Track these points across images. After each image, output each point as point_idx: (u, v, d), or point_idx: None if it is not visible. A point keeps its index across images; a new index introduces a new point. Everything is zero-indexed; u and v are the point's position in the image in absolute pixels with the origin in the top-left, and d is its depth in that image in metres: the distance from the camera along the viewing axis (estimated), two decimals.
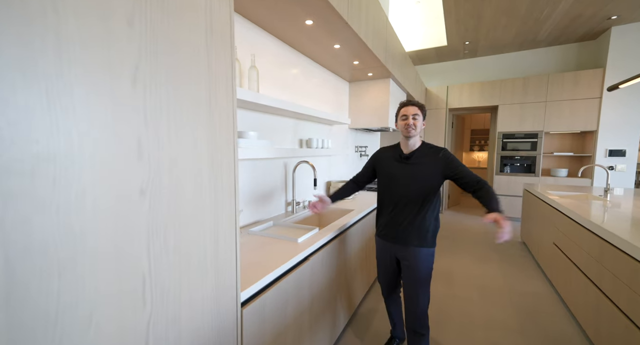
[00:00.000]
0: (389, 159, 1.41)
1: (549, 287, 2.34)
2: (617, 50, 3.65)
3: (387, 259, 1.46)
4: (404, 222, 1.33)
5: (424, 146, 1.36)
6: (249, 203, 1.64)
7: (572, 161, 4.36)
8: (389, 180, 1.39)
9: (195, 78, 0.69)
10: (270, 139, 1.80)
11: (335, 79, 2.68)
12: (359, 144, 3.39)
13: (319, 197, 1.52)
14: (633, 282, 1.23)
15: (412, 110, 1.31)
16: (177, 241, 0.67)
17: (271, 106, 1.49)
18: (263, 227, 1.58)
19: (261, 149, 1.41)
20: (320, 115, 2.02)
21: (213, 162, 0.75)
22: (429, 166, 1.30)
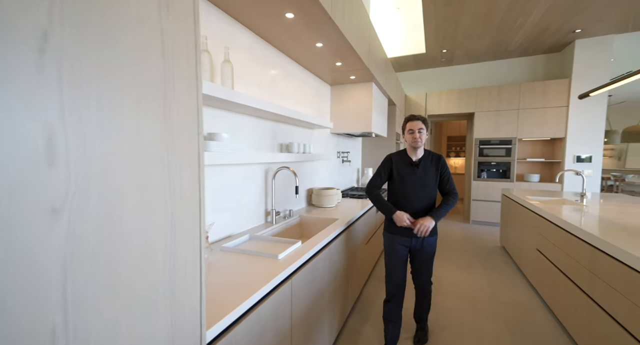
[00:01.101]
0: (401, 163, 1.64)
1: (534, 294, 2.33)
2: (581, 62, 3.88)
3: (400, 252, 1.64)
4: (421, 214, 1.57)
5: (427, 153, 1.64)
6: (223, 214, 1.45)
7: (544, 167, 4.55)
8: (403, 183, 1.61)
9: (142, 61, 0.53)
10: (247, 142, 1.63)
11: (316, 81, 2.57)
12: (341, 150, 3.29)
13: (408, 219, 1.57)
14: (630, 291, 1.19)
15: (417, 125, 1.54)
16: (111, 273, 0.49)
17: (248, 106, 1.34)
18: (238, 241, 1.40)
19: (236, 153, 1.24)
20: (302, 117, 1.89)
21: (169, 168, 0.58)
22: (432, 170, 1.59)
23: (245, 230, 1.61)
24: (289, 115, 1.73)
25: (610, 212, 2.03)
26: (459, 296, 2.30)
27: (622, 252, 1.24)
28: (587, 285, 1.50)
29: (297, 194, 1.70)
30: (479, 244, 3.63)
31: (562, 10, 3.09)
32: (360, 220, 2.23)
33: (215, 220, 1.40)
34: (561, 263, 1.80)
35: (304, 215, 2.07)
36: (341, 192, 3.10)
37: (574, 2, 2.95)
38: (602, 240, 1.38)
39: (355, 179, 3.94)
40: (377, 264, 2.99)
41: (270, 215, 1.82)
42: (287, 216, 1.99)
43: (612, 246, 1.31)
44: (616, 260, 1.28)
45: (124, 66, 0.50)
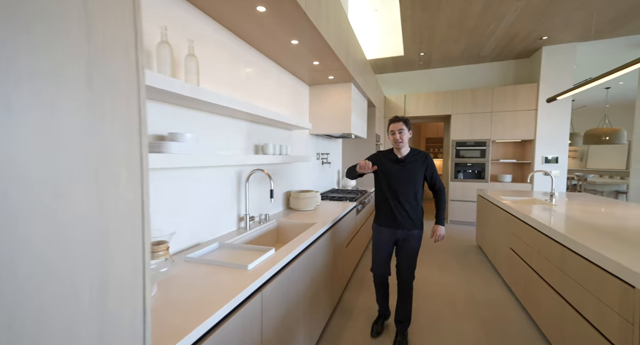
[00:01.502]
0: (387, 161, 1.73)
1: (508, 293, 2.38)
2: (547, 67, 4.08)
3: (385, 243, 1.75)
4: (402, 212, 1.68)
5: (412, 151, 1.73)
6: (190, 221, 1.34)
7: (515, 167, 4.75)
8: (389, 179, 1.70)
9: (56, 38, 0.43)
10: (217, 143, 1.53)
11: (294, 81, 2.50)
12: (321, 151, 3.23)
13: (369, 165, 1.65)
14: (598, 290, 1.21)
15: (398, 126, 1.65)
16: (12, 309, 0.39)
17: (216, 104, 1.24)
18: (206, 250, 1.29)
19: (201, 155, 1.14)
20: (278, 118, 1.81)
21: (97, 173, 0.48)
22: (417, 166, 1.68)
23: (215, 238, 1.50)
24: (264, 115, 1.65)
25: (577, 211, 2.11)
26: (436, 297, 2.31)
27: (591, 252, 1.26)
28: (558, 284, 1.53)
29: (272, 198, 1.61)
30: (456, 243, 3.70)
31: (530, 17, 3.22)
32: (340, 223, 2.17)
33: (180, 228, 1.28)
34: (533, 262, 1.85)
35: (281, 220, 1.99)
36: (321, 194, 3.04)
37: (540, 11, 3.09)
38: (572, 239, 1.41)
39: (336, 181, 3.90)
40: (357, 266, 2.95)
41: (243, 220, 1.72)
42: (263, 221, 1.90)
43: (581, 246, 1.34)
44: (585, 259, 1.31)
45: (19, 40, 0.40)
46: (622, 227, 1.64)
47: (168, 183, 1.21)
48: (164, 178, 1.18)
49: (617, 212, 2.09)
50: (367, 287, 2.49)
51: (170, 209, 1.22)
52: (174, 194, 1.25)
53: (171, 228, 1.22)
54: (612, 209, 2.23)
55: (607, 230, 1.57)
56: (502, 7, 3.02)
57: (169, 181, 1.21)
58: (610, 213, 2.04)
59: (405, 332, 1.76)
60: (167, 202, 1.21)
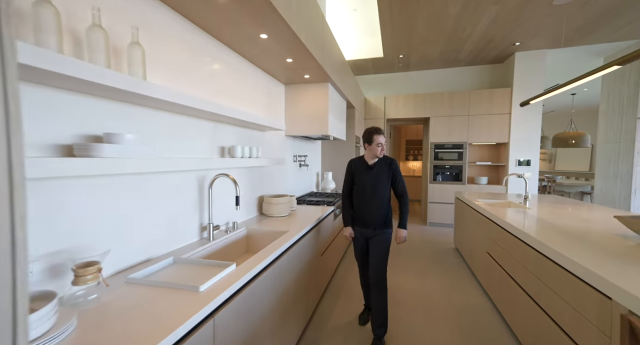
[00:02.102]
0: (360, 168, 1.89)
1: (485, 298, 2.37)
2: (520, 72, 4.20)
3: (361, 243, 1.92)
4: (374, 213, 1.82)
5: (382, 158, 1.86)
6: (138, 234, 1.17)
7: (490, 170, 4.86)
8: (362, 185, 1.86)
9: None
10: (177, 145, 1.37)
11: (268, 79, 2.36)
12: (298, 153, 3.11)
13: (350, 236, 1.95)
14: (574, 299, 1.17)
15: (383, 139, 1.82)
16: None
17: (169, 101, 1.09)
18: (155, 268, 1.13)
19: (148, 160, 0.98)
20: (247, 118, 1.67)
21: None
22: (385, 171, 1.84)
23: (171, 252, 1.34)
24: (230, 115, 1.50)
25: (550, 214, 2.13)
26: (414, 304, 2.25)
27: (566, 260, 1.23)
28: (534, 292, 1.50)
29: (238, 205, 1.47)
30: (434, 246, 3.70)
31: (504, 22, 3.28)
32: (315, 230, 2.06)
33: (127, 243, 1.11)
34: (509, 267, 1.82)
35: (251, 228, 1.84)
36: (298, 198, 2.92)
37: (514, 16, 3.15)
38: (546, 245, 1.38)
39: (315, 184, 3.79)
40: (335, 272, 2.85)
41: (207, 230, 1.56)
42: (231, 229, 1.75)
43: (556, 253, 1.30)
44: (561, 267, 1.27)
45: None
46: (597, 232, 1.64)
47: (107, 192, 1.04)
48: (100, 186, 1.01)
49: (589, 215, 2.13)
50: (346, 294, 2.39)
51: (112, 221, 1.05)
52: (118, 204, 1.08)
53: (113, 244, 1.05)
54: (584, 212, 2.27)
55: (582, 236, 1.56)
56: (478, 10, 3.04)
57: (108, 190, 1.04)
58: (583, 217, 2.07)
59: (382, 338, 1.76)
60: (107, 215, 1.04)
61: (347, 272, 2.88)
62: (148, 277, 1.04)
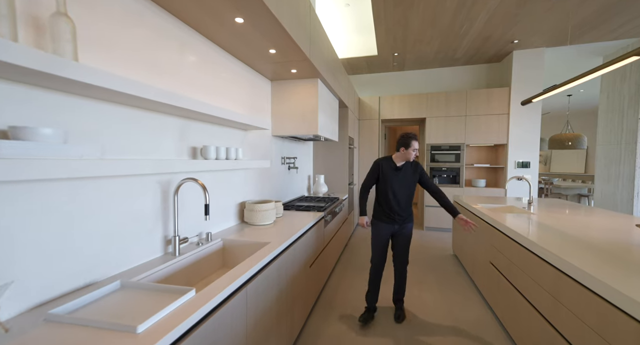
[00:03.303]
0: (387, 168, 2.01)
1: (489, 312, 2.18)
2: (518, 71, 4.07)
3: (384, 236, 2.04)
4: (401, 210, 2.00)
5: (408, 161, 2.01)
6: (74, 253, 0.95)
7: (488, 172, 4.71)
8: (390, 184, 1.99)
9: None
10: (132, 145, 1.15)
11: (251, 74, 2.16)
12: (287, 155, 2.90)
13: (367, 224, 2.09)
14: (603, 328, 0.98)
15: (418, 145, 1.96)
16: None
17: (113, 90, 0.88)
18: (92, 296, 0.91)
19: (71, 161, 0.77)
20: (225, 115, 1.46)
21: None
22: (411, 173, 2.02)
23: (122, 272, 1.11)
24: (202, 110, 1.30)
25: (560, 221, 1.95)
26: (412, 319, 2.04)
27: (593, 281, 1.04)
28: (549, 313, 1.31)
29: (208, 215, 1.25)
30: (432, 252, 3.51)
31: (502, 18, 3.14)
32: (303, 238, 1.85)
33: (56, 265, 0.89)
34: (518, 282, 1.63)
35: (228, 239, 1.63)
36: (287, 203, 2.70)
37: (513, 12, 3.01)
38: (567, 262, 1.19)
39: (306, 188, 3.58)
40: (326, 285, 2.63)
41: (172, 243, 1.34)
42: (203, 242, 1.53)
43: (580, 272, 1.11)
44: (585, 287, 1.08)
45: None
46: (620, 244, 1.46)
47: (25, 202, 0.82)
48: (9, 197, 0.79)
49: (604, 222, 1.95)
50: (336, 309, 2.18)
51: (30, 240, 0.83)
52: (40, 219, 0.86)
53: (35, 268, 0.83)
54: (597, 218, 2.10)
55: (605, 249, 1.38)
56: (476, 6, 2.89)
57: (26, 199, 0.82)
58: (598, 225, 1.89)
59: (402, 306, 2.11)
60: (22, 232, 0.82)
61: (339, 282, 2.67)
62: (75, 313, 0.82)
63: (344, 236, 3.53)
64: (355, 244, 3.88)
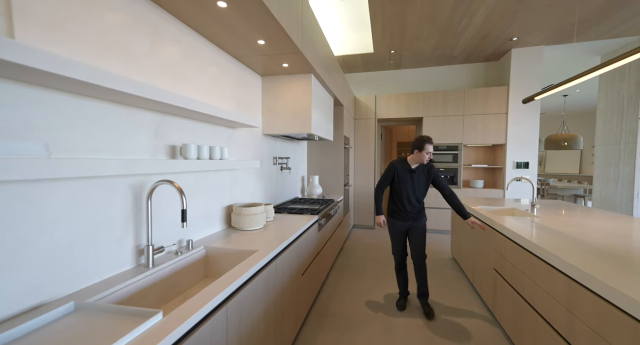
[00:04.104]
0: (402, 170, 2.12)
1: (492, 322, 2.06)
2: (516, 70, 3.99)
3: (401, 232, 2.19)
4: (414, 209, 2.13)
5: (422, 163, 2.12)
6: (19, 268, 0.80)
7: (486, 172, 4.62)
8: (404, 186, 2.11)
9: None
10: (96, 142, 1.00)
11: (239, 67, 2.02)
12: (279, 155, 2.76)
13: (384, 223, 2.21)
14: None
15: (432, 149, 2.05)
16: None
17: (63, 76, 0.73)
18: (37, 322, 0.76)
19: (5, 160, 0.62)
20: (207, 110, 1.33)
21: None
22: (425, 176, 2.12)
23: (80, 290, 0.96)
24: (181, 104, 1.16)
25: (568, 226, 1.84)
26: (413, 328, 1.92)
27: (617, 294, 0.92)
28: (563, 327, 1.19)
29: (185, 222, 1.11)
30: (430, 256, 3.40)
31: (502, 14, 3.05)
32: (294, 246, 1.71)
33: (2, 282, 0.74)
34: (526, 292, 1.52)
35: (212, 247, 1.48)
36: (279, 206, 2.56)
37: (513, 7, 2.92)
38: (586, 273, 1.07)
39: (300, 189, 3.44)
40: (319, 294, 2.50)
41: (144, 254, 1.20)
42: (183, 250, 1.38)
43: (601, 284, 1.00)
44: (609, 303, 0.97)
45: None
46: (638, 251, 1.35)
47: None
48: None
49: (616, 227, 1.85)
50: (330, 319, 2.04)
51: None
52: None
53: None
54: (607, 223, 2.00)
55: (625, 258, 1.27)
56: (475, 1, 2.79)
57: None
58: (610, 229, 1.78)
59: (428, 301, 2.19)
60: None
61: (334, 288, 2.54)
62: (14, 344, 0.67)
63: (340, 239, 3.40)
64: (352, 247, 3.75)
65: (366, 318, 2.07)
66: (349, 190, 4.31)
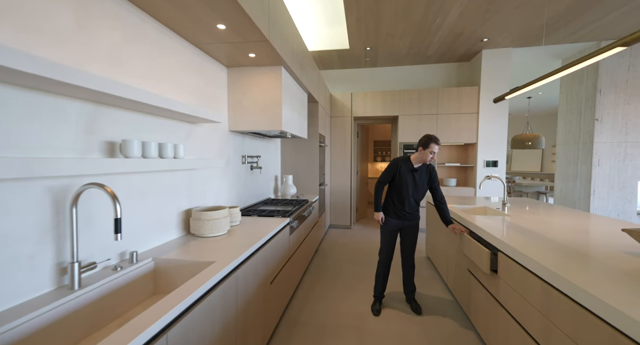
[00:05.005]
0: (405, 168, 2.09)
1: (469, 326, 2.05)
2: (487, 71, 4.09)
3: (393, 231, 2.17)
4: (411, 208, 2.12)
5: (424, 164, 2.10)
6: None
7: (459, 171, 4.72)
8: (405, 184, 2.08)
9: None
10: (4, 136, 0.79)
11: (202, 57, 1.82)
12: (249, 153, 2.57)
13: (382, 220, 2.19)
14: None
15: (437, 148, 1.99)
16: None
17: None
18: None
19: None
20: (157, 102, 1.14)
21: None
22: (425, 176, 2.12)
23: None
24: (118, 93, 0.97)
25: (538, 224, 1.85)
26: (384, 337, 1.85)
27: (595, 301, 0.88)
28: (540, 335, 1.15)
29: (119, 234, 0.92)
30: None
31: (474, 13, 3.07)
32: (261, 253, 1.56)
33: None
34: (501, 296, 1.48)
35: (161, 258, 1.29)
36: (248, 208, 2.38)
37: (484, 8, 2.95)
38: (562, 277, 1.02)
39: (272, 189, 3.27)
40: (291, 302, 2.36)
41: (68, 272, 0.99)
42: (124, 265, 1.18)
43: (576, 288, 0.95)
44: (585, 309, 0.92)
45: None
46: (603, 250, 1.35)
47: None
48: None
49: (581, 224, 1.89)
50: (302, 329, 1.91)
51: None
52: None
53: None
54: (573, 220, 2.04)
55: (592, 257, 1.26)
56: None
57: None
58: (576, 227, 1.81)
59: (414, 297, 2.23)
60: None
61: (308, 294, 2.41)
62: None
63: (315, 241, 3.28)
64: (327, 248, 3.65)
65: (340, 326, 1.97)
66: (324, 189, 4.20)
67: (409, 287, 2.23)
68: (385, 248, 2.19)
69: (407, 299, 2.25)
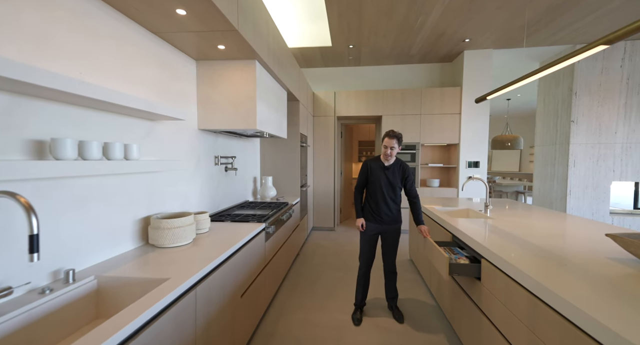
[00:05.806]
0: (375, 167, 2.06)
1: (450, 331, 1.97)
2: (468, 71, 4.10)
3: (372, 235, 2.09)
4: (389, 210, 2.05)
5: (396, 161, 2.06)
6: None
7: (442, 172, 4.72)
8: (378, 184, 2.04)
9: None
10: None
11: (166, 49, 1.64)
12: (222, 154, 2.40)
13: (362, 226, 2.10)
14: None
15: (391, 142, 1.96)
16: None
17: None
18: None
19: None
20: (95, 95, 0.97)
21: None
22: (398, 173, 2.05)
23: None
24: (37, 82, 0.79)
25: (521, 228, 1.80)
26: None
27: (584, 317, 0.79)
28: None
29: (36, 254, 0.75)
30: None
31: (456, 13, 3.04)
32: (230, 263, 1.41)
33: None
34: (485, 305, 1.40)
35: (106, 276, 1.11)
36: (221, 212, 2.20)
37: (466, 7, 2.91)
38: (549, 290, 0.94)
39: (251, 191, 3.10)
40: (266, 313, 2.21)
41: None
42: (56, 287, 1.00)
43: (564, 302, 0.87)
44: (573, 324, 0.84)
45: None
46: (586, 257, 1.30)
47: None
48: None
49: (563, 228, 1.85)
50: (278, 342, 1.78)
51: None
52: None
53: None
54: (554, 223, 2.01)
55: (582, 264, 1.19)
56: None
57: None
58: (558, 230, 1.77)
59: (396, 304, 2.15)
60: None
61: (285, 303, 2.27)
62: None
63: (295, 245, 3.14)
64: (309, 252, 3.52)
65: (318, 339, 1.84)
66: (307, 191, 4.07)
67: (390, 293, 2.15)
68: (365, 254, 2.10)
69: (389, 306, 2.17)
